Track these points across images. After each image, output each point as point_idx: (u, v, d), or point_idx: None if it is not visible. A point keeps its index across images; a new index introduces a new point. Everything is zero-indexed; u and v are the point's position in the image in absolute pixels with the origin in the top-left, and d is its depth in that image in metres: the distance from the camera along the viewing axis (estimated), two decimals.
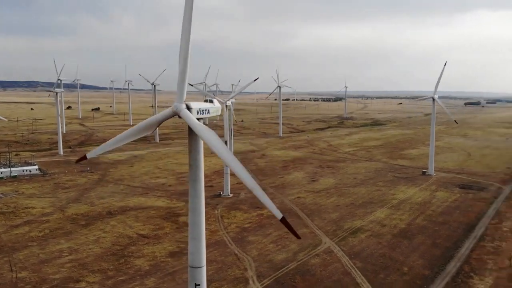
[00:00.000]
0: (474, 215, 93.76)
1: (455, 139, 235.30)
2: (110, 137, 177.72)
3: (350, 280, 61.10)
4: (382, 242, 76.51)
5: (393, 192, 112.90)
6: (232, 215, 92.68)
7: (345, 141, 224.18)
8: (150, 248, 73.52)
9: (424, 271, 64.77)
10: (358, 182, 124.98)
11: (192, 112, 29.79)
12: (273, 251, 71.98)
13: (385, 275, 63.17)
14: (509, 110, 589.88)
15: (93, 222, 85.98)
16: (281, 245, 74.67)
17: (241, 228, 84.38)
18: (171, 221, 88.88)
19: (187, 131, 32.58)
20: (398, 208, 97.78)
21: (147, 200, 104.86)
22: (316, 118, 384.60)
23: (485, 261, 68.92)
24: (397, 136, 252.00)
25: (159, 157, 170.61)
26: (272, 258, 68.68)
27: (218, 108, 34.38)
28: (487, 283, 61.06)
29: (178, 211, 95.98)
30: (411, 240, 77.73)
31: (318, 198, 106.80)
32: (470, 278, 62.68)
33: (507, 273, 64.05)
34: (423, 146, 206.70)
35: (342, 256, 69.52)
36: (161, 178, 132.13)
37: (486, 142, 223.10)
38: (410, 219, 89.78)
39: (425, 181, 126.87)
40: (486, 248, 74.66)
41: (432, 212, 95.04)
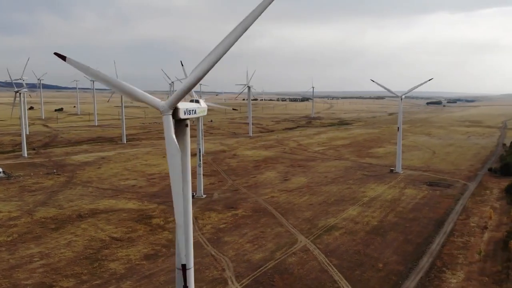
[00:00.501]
0: (442, 211, 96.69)
1: (420, 138, 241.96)
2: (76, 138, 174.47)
3: (328, 278, 61.79)
4: (356, 239, 77.78)
5: (363, 190, 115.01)
6: (207, 216, 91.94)
7: (314, 140, 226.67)
8: (124, 251, 71.97)
9: (398, 267, 66.26)
10: (329, 181, 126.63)
11: (179, 112, 29.27)
12: (250, 251, 71.89)
13: (361, 271, 64.23)
14: (468, 110, 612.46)
15: (63, 226, 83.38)
16: (258, 244, 74.68)
17: (216, 229, 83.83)
18: (143, 223, 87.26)
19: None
20: (369, 206, 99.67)
21: (117, 203, 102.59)
22: (284, 118, 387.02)
23: (456, 256, 71.19)
24: (363, 135, 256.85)
25: (127, 158, 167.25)
26: (249, 258, 68.60)
27: (204, 109, 34.03)
28: (459, 277, 63.09)
29: (151, 213, 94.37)
30: (384, 237, 79.38)
31: (291, 197, 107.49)
32: (442, 273, 64.58)
33: (478, 267, 66.38)
34: (389, 144, 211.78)
35: (318, 254, 70.22)
36: (131, 179, 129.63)
37: (450, 140, 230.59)
38: (381, 216, 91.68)
39: (393, 179, 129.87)
40: (456, 243, 77.13)
41: (403, 209, 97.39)
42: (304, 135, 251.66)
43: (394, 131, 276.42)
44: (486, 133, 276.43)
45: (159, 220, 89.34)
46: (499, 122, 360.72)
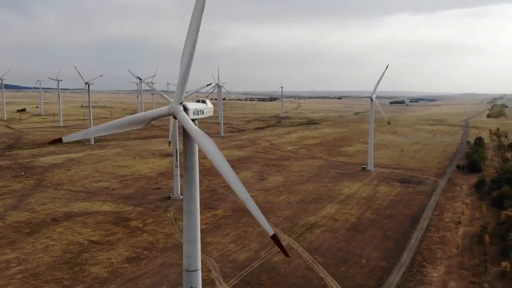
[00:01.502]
0: (417, 207, 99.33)
1: (387, 136, 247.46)
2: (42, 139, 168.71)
3: (314, 275, 62.35)
4: (338, 236, 78.84)
5: (338, 188, 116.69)
6: None
7: (286, 139, 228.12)
8: (105, 254, 70.21)
9: (381, 263, 67.61)
10: (304, 179, 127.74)
11: (189, 113, 28.81)
12: (234, 251, 71.61)
13: (346, 268, 65.15)
14: (430, 109, 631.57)
15: (38, 230, 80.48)
16: (242, 244, 74.49)
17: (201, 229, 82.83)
18: (121, 226, 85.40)
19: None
20: (346, 203, 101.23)
21: (92, 205, 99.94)
22: (254, 118, 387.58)
23: (434, 250, 73.31)
24: (332, 134, 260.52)
25: (97, 160, 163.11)
26: (234, 258, 68.33)
27: (211, 109, 33.62)
28: (440, 271, 65.00)
29: (127, 215, 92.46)
30: (364, 233, 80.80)
31: (269, 196, 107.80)
32: (424, 267, 66.37)
33: (456, 261, 68.59)
34: (358, 143, 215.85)
35: (302, 252, 70.74)
36: (103, 181, 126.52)
37: (416, 139, 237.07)
38: (359, 213, 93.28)
39: (366, 177, 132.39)
40: (433, 238, 79.43)
41: (379, 206, 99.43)
42: (275, 135, 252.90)
43: (361, 130, 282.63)
44: (450, 131, 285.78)
45: (137, 222, 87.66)
46: (461, 121, 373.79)
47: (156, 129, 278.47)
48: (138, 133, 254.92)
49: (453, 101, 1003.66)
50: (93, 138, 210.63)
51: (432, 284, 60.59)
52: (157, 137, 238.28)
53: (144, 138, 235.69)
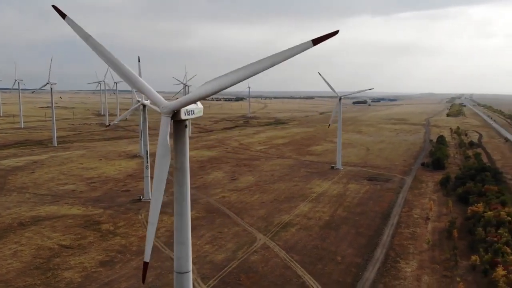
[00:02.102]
0: (386, 204, 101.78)
1: (353, 136, 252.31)
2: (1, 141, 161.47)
3: (292, 273, 62.83)
4: (312, 234, 79.76)
5: (310, 187, 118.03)
6: (159, 220, 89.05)
7: (255, 139, 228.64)
8: (77, 258, 68.28)
9: (356, 259, 68.89)
10: (276, 179, 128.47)
11: (180, 113, 28.39)
12: (211, 251, 71.19)
13: (322, 265, 65.99)
14: (392, 108, 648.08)
15: (5, 235, 77.30)
16: (218, 245, 74.12)
17: (171, 232, 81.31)
18: (92, 229, 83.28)
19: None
20: (318, 201, 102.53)
21: (60, 209, 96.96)
22: (222, 118, 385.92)
23: (406, 246, 75.33)
24: (300, 134, 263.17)
25: (61, 162, 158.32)
26: (212, 259, 67.92)
27: (201, 109, 33.16)
28: (413, 266, 66.88)
29: (98, 218, 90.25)
30: (337, 231, 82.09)
31: (242, 196, 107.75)
32: (397, 262, 68.09)
33: (428, 256, 70.75)
34: (325, 142, 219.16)
35: (279, 250, 71.12)
36: (70, 184, 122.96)
37: (380, 138, 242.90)
38: (331, 211, 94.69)
39: (335, 175, 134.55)
40: (404, 234, 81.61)
41: (349, 204, 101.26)
42: (244, 135, 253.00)
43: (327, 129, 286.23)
44: (412, 130, 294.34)
45: (109, 225, 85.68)
46: (422, 120, 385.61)
47: (121, 130, 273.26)
48: (102, 134, 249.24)
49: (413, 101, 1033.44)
50: (56, 140, 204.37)
51: (406, 279, 62.25)
52: (122, 138, 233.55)
53: (108, 139, 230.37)
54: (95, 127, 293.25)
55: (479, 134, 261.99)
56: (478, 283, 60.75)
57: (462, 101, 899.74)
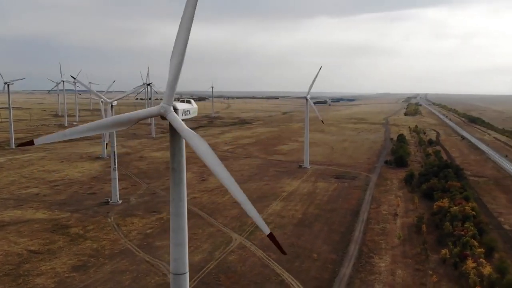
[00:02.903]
0: (355, 201, 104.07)
1: (316, 135, 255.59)
2: None
3: (270, 272, 63.24)
4: (287, 232, 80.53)
5: (280, 186, 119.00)
6: (129, 222, 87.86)
7: (221, 139, 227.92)
8: (48, 264, 65.96)
9: (331, 256, 70.14)
10: (246, 178, 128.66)
11: (178, 113, 28.06)
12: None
13: (299, 263, 66.78)
14: (351, 108, 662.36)
15: None
16: (193, 246, 73.40)
17: (144, 235, 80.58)
18: (60, 233, 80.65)
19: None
20: (290, 200, 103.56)
21: (24, 213, 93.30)
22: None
23: (378, 241, 77.36)
24: (265, 133, 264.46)
25: (21, 165, 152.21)
26: (189, 261, 67.04)
27: (196, 109, 32.89)
28: (386, 261, 68.78)
29: (65, 222, 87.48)
30: (310, 228, 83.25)
31: (214, 196, 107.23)
32: (371, 258, 69.82)
33: (400, 251, 72.95)
34: (291, 142, 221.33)
35: (255, 250, 71.36)
36: (32, 187, 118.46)
37: (343, 137, 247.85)
38: (303, 209, 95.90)
39: (304, 174, 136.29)
40: (375, 230, 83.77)
41: (320, 201, 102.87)
42: (210, 135, 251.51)
43: (292, 129, 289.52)
44: (373, 129, 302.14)
45: (78, 229, 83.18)
46: (381, 119, 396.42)
47: None
48: None
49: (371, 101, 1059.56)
50: (13, 142, 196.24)
51: (381, 273, 63.97)
52: (82, 140, 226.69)
53: (68, 140, 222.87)
54: (54, 128, 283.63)
55: (436, 133, 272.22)
56: (449, 275, 63.22)
57: (417, 101, 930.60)
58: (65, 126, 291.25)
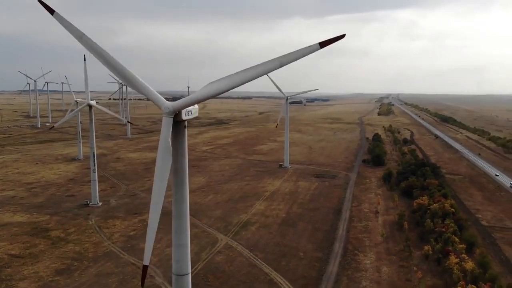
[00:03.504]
0: (336, 200, 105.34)
1: (294, 135, 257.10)
2: None
3: (258, 271, 63.42)
4: (272, 231, 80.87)
5: (262, 185, 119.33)
6: (111, 224, 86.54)
7: (199, 140, 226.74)
8: (30, 268, 64.42)
9: (317, 254, 70.85)
10: (227, 179, 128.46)
11: (181, 113, 27.89)
12: None
13: (286, 262, 67.18)
14: (326, 108, 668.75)
15: None
16: None
17: (127, 237, 79.53)
18: (41, 237, 78.83)
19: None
20: (273, 199, 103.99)
21: (1, 216, 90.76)
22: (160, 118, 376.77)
23: (361, 239, 78.56)
24: (243, 133, 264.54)
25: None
26: None
27: (197, 109, 32.66)
28: (371, 258, 69.94)
29: (45, 225, 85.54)
30: (295, 227, 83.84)
31: (196, 197, 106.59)
32: (356, 255, 70.87)
33: (383, 248, 74.29)
34: (269, 142, 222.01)
35: (242, 249, 71.40)
36: (8, 190, 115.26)
37: (320, 136, 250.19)
38: (287, 208, 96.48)
39: (284, 173, 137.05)
40: (358, 228, 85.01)
41: (303, 200, 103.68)
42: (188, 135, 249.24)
43: (269, 129, 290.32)
44: (348, 128, 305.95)
45: (58, 232, 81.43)
46: (356, 119, 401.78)
47: (54, 132, 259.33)
48: (34, 137, 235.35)
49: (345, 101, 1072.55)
50: None
51: (367, 270, 65.04)
52: (56, 141, 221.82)
53: (42, 142, 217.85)
54: (26, 129, 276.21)
55: (410, 132, 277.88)
56: (433, 271, 64.80)
57: (390, 101, 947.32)
58: (38, 127, 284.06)
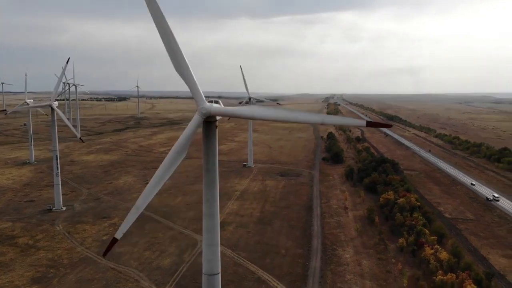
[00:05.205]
0: (305, 197, 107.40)
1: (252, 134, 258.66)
2: None
3: (245, 270, 63.65)
4: (250, 231, 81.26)
5: (230, 185, 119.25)
6: (81, 229, 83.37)
7: (154, 141, 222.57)
8: (4, 277, 61.05)
9: (298, 250, 72.09)
10: (192, 180, 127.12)
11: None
12: (154, 257, 68.54)
13: (270, 259, 67.88)
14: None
15: None
16: (158, 250, 71.61)
17: (100, 242, 76.97)
18: (8, 244, 74.77)
19: None
20: (244, 199, 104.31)
21: None
22: (108, 119, 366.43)
23: (337, 234, 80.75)
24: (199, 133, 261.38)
25: None
26: (158, 265, 65.53)
27: None
28: (350, 252, 72.12)
29: (10, 232, 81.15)
30: (271, 226, 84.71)
31: (164, 199, 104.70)
32: (335, 250, 72.81)
33: (359, 242, 76.78)
34: (227, 142, 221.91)
35: (224, 249, 71.14)
36: None
37: (276, 136, 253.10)
38: (260, 207, 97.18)
39: (250, 173, 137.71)
40: (331, 223, 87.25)
41: (273, 199, 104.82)
42: (141, 136, 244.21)
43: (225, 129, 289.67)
44: (302, 128, 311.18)
45: (26, 239, 77.39)
46: None
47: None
48: None
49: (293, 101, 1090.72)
50: None
51: (349, 264, 67.06)
52: (2, 144, 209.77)
53: None
54: None
55: (361, 130, 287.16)
56: (410, 262, 67.90)
57: (335, 101, 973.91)
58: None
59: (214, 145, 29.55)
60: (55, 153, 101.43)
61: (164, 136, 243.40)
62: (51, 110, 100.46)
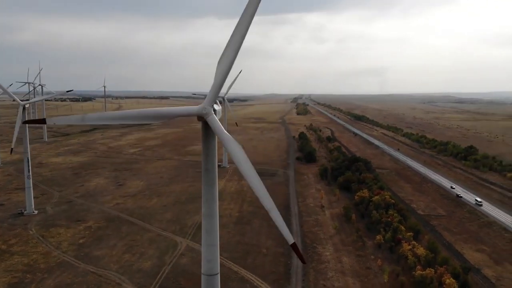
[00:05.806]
0: (282, 196, 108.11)
1: None
2: None
3: (228, 270, 63.59)
4: (230, 231, 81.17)
5: None
6: (55, 233, 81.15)
7: (124, 142, 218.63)
8: None
9: (279, 249, 72.55)
10: (167, 181, 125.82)
11: (216, 114, 27.63)
12: (134, 260, 67.48)
13: (252, 259, 68.09)
14: (246, 108, 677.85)
15: None
16: (138, 253, 70.54)
17: (77, 245, 75.14)
18: None
19: None
20: (222, 199, 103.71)
21: None
22: None
23: (316, 232, 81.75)
24: (170, 134, 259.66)
25: None
26: (139, 267, 64.57)
27: (220, 109, 32.14)
28: (329, 249, 73.19)
29: None
30: (251, 225, 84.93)
31: (139, 201, 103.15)
32: (315, 248, 73.73)
33: (338, 240, 78.02)
34: (199, 142, 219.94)
35: None
36: None
37: (248, 136, 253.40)
38: (238, 207, 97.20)
39: (226, 173, 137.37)
40: (309, 222, 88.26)
41: (251, 199, 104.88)
42: (109, 137, 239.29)
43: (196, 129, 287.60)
44: (273, 128, 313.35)
45: None
46: (277, 118, 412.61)
47: None
48: None
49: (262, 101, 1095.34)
50: None
51: (330, 261, 68.08)
52: None
53: None
54: None
55: (330, 130, 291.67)
56: (388, 258, 69.52)
57: (304, 101, 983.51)
58: None
59: (213, 145, 29.41)
60: (27, 155, 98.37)
61: (133, 137, 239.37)
62: (23, 110, 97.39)
